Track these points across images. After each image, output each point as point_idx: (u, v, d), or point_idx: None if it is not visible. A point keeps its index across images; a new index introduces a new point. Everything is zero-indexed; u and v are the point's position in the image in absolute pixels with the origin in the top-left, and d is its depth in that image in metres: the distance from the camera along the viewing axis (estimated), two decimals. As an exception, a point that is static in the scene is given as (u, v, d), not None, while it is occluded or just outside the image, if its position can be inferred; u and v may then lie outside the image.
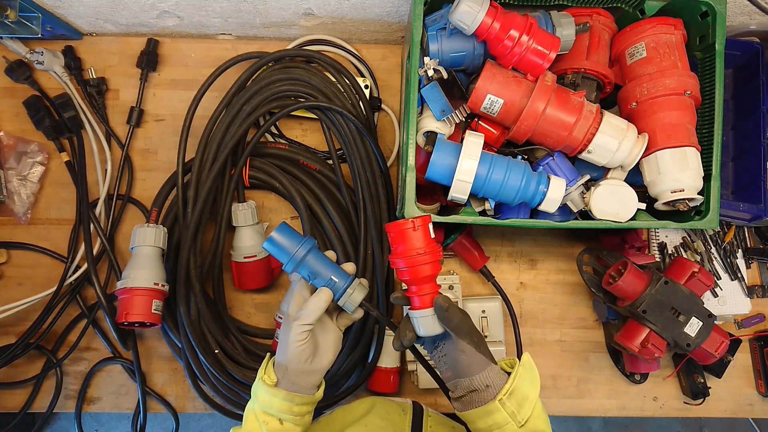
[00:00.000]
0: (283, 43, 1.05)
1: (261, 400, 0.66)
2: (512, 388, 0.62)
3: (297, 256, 0.70)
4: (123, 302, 0.88)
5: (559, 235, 1.06)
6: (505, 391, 0.61)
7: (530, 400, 0.62)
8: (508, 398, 0.61)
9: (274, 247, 0.71)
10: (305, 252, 0.70)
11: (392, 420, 0.76)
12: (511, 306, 1.01)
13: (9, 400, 1.00)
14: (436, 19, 0.83)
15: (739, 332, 1.06)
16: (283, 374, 0.67)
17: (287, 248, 0.70)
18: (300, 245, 0.70)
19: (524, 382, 0.63)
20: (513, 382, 0.62)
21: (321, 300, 0.68)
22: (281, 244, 0.70)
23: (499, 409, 0.61)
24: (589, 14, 0.86)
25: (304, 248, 0.70)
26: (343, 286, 0.71)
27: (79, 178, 1.00)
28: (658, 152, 0.79)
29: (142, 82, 1.03)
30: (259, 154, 0.99)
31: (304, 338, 0.67)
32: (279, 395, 0.65)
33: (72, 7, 0.94)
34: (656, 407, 1.04)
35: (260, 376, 0.68)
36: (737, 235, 1.07)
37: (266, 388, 0.66)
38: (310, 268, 0.71)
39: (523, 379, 0.63)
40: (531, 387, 0.63)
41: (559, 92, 0.78)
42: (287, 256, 0.70)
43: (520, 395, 0.62)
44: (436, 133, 0.82)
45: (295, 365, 0.67)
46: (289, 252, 0.70)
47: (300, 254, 0.70)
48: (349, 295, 0.71)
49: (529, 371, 0.65)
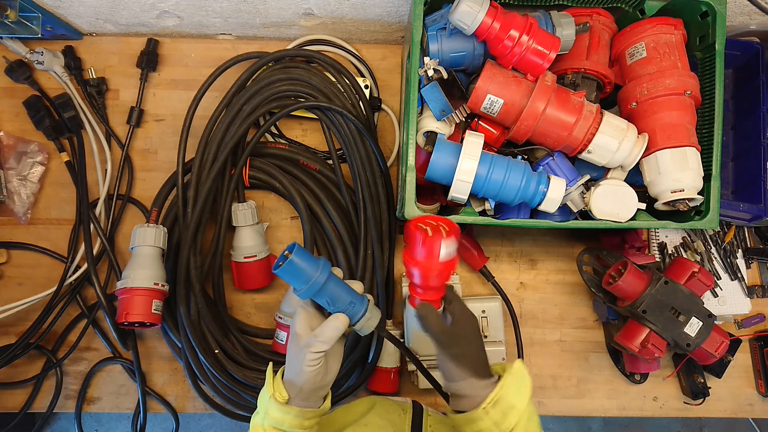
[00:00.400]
0: (283, 43, 1.05)
1: (272, 417, 0.65)
2: (497, 398, 0.61)
3: (318, 282, 0.63)
4: (123, 302, 0.88)
5: (559, 235, 1.06)
6: (489, 400, 0.61)
7: (516, 409, 0.61)
8: (492, 407, 0.61)
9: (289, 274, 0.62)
10: (325, 277, 0.63)
11: (392, 419, 0.76)
12: (511, 306, 1.01)
13: (9, 400, 1.00)
14: (436, 19, 0.83)
15: (739, 332, 1.06)
16: (296, 393, 0.66)
17: (306, 273, 0.62)
18: (318, 269, 0.63)
19: (510, 391, 0.62)
20: (498, 392, 0.61)
21: (338, 329, 0.64)
22: (300, 268, 0.62)
23: (482, 418, 0.61)
24: (589, 14, 0.86)
25: (323, 273, 0.63)
26: (361, 311, 0.66)
27: (79, 178, 1.00)
28: (658, 152, 0.79)
29: (142, 82, 1.03)
30: (259, 154, 0.99)
31: (318, 363, 0.65)
32: (291, 413, 0.64)
33: (72, 7, 0.94)
34: (656, 407, 1.04)
35: (270, 393, 0.66)
36: (737, 235, 1.07)
37: (278, 405, 0.64)
38: (330, 295, 0.64)
39: (509, 388, 0.62)
40: (518, 396, 0.62)
41: (559, 92, 0.78)
42: (306, 281, 0.63)
43: (505, 404, 0.61)
44: (436, 133, 0.82)
45: (310, 386, 0.66)
46: (307, 277, 0.62)
47: (321, 280, 0.63)
48: (367, 320, 0.67)
49: (517, 380, 0.63)
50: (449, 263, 0.64)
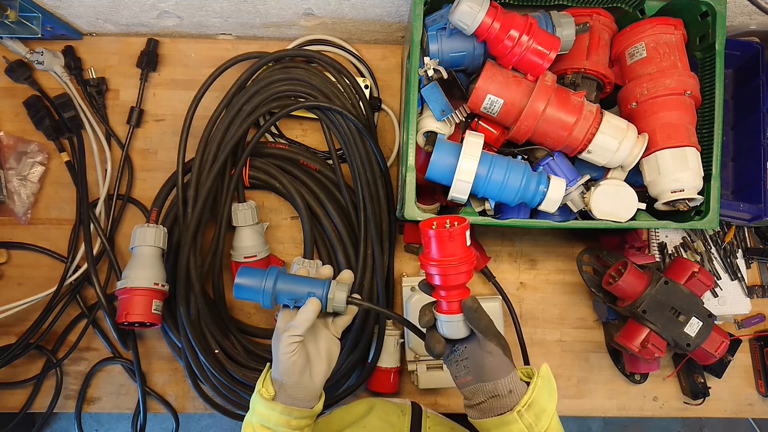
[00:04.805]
0: (283, 43, 1.05)
1: (259, 414, 0.65)
2: (531, 400, 0.60)
3: (267, 289, 0.68)
4: (123, 302, 0.88)
5: (559, 235, 1.06)
6: (523, 403, 0.59)
7: (548, 412, 0.61)
8: (526, 410, 0.59)
9: (243, 293, 0.69)
10: (272, 282, 0.69)
11: (391, 421, 0.76)
12: (511, 306, 1.01)
13: (9, 400, 1.00)
14: (436, 19, 0.83)
15: (739, 332, 1.06)
16: (279, 388, 0.66)
17: (254, 287, 0.68)
18: (264, 278, 0.69)
19: (542, 394, 0.61)
20: (532, 394, 0.60)
21: (310, 311, 0.66)
22: (246, 285, 0.69)
23: (517, 421, 0.59)
24: (589, 14, 0.86)
25: (269, 279, 0.69)
26: (323, 293, 0.69)
27: (79, 178, 1.00)
28: (658, 152, 0.79)
29: (142, 82, 1.03)
30: (259, 154, 0.99)
31: (293, 350, 0.65)
32: (276, 409, 0.64)
33: (72, 7, 0.94)
34: (656, 407, 1.04)
35: (258, 388, 0.66)
36: (737, 235, 1.07)
37: (264, 401, 0.65)
38: (287, 294, 0.69)
39: (541, 390, 0.61)
40: (549, 399, 0.62)
41: (559, 92, 0.78)
42: (258, 293, 0.68)
43: (538, 407, 0.60)
44: (436, 133, 0.82)
45: (289, 378, 0.66)
46: (257, 289, 0.68)
47: (269, 286, 0.68)
48: (332, 300, 0.69)
49: (547, 383, 0.63)
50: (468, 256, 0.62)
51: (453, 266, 0.61)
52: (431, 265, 0.62)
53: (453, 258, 0.61)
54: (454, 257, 0.61)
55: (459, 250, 0.61)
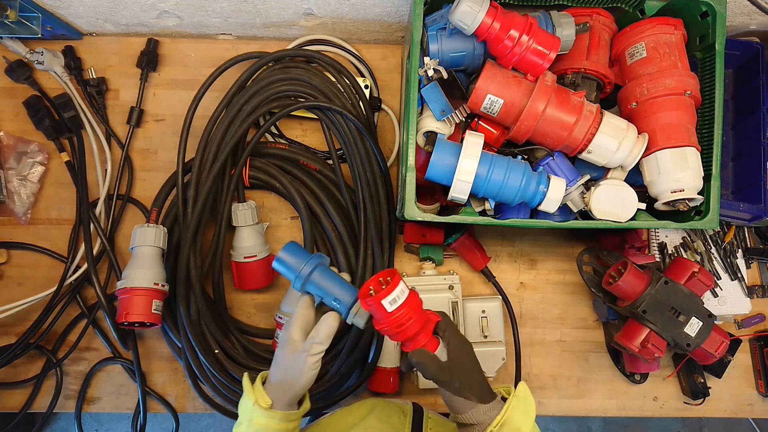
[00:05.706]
0: (283, 43, 1.05)
1: (257, 424, 0.66)
2: (503, 420, 0.62)
3: (303, 274, 0.70)
4: (123, 302, 0.88)
5: (559, 235, 1.06)
6: (496, 423, 0.62)
7: (522, 431, 0.63)
8: (499, 430, 0.62)
9: (281, 266, 0.71)
10: (309, 270, 0.70)
11: (392, 422, 0.76)
12: (510, 306, 1.01)
13: (9, 400, 1.00)
14: (436, 19, 0.83)
15: (739, 332, 1.06)
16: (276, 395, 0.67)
17: (293, 267, 0.71)
18: (306, 262, 0.71)
19: (516, 413, 0.63)
20: (504, 414, 0.62)
21: (332, 327, 0.68)
22: (287, 262, 0.71)
23: None
24: (589, 14, 0.86)
25: (310, 265, 0.71)
26: (348, 305, 0.70)
27: (79, 178, 1.00)
28: (658, 152, 0.79)
29: (142, 82, 1.03)
30: (259, 154, 0.99)
31: (318, 366, 0.68)
32: (276, 417, 0.66)
33: (72, 7, 0.94)
34: (656, 407, 1.04)
35: (253, 400, 0.67)
36: (737, 235, 1.07)
37: (262, 411, 0.66)
38: (317, 287, 0.71)
39: (515, 410, 0.63)
40: (524, 418, 0.63)
41: (559, 92, 0.78)
42: (293, 273, 0.71)
43: (511, 427, 0.62)
44: (436, 133, 0.82)
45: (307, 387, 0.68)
46: (294, 270, 0.71)
47: (305, 272, 0.70)
48: (354, 315, 0.70)
49: (522, 401, 0.65)
50: (404, 308, 0.64)
51: (399, 327, 0.65)
52: (383, 329, 0.66)
53: (398, 320, 0.64)
54: (398, 319, 0.64)
55: (404, 312, 0.64)
